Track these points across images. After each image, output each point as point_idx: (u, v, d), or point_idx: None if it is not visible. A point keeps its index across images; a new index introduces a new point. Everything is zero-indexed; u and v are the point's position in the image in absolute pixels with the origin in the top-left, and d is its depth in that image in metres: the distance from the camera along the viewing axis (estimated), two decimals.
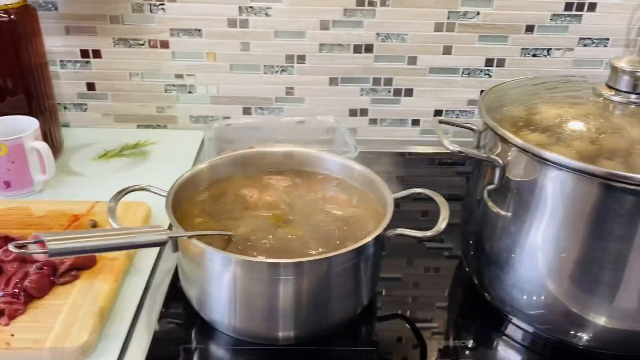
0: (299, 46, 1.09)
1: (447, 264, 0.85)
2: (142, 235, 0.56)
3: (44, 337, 0.61)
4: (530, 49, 1.10)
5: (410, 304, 0.77)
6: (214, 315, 0.67)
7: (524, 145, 0.61)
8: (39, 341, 0.61)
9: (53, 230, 0.80)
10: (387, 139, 1.18)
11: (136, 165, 1.03)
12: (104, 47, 1.09)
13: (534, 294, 0.68)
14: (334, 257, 0.61)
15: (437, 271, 0.85)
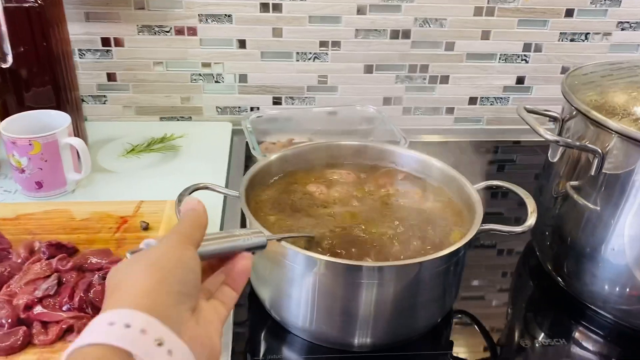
0: (333, 32, 1.04)
1: (516, 245, 0.84)
2: (247, 238, 0.51)
3: None
4: (568, 34, 1.08)
5: (484, 299, 0.74)
6: (288, 317, 0.64)
7: (629, 131, 0.59)
8: None
9: (101, 234, 0.74)
10: (420, 128, 1.14)
11: (168, 161, 0.97)
12: (126, 35, 1.01)
13: (619, 285, 0.66)
14: (426, 261, 0.58)
15: (507, 255, 0.82)
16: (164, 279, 0.38)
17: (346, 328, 0.62)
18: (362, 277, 0.58)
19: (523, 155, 1.12)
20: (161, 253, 0.40)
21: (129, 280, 0.38)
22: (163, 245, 0.41)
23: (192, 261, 0.41)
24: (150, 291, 0.37)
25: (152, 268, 0.38)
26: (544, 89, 1.14)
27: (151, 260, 0.39)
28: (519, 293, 0.77)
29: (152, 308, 0.36)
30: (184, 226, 0.43)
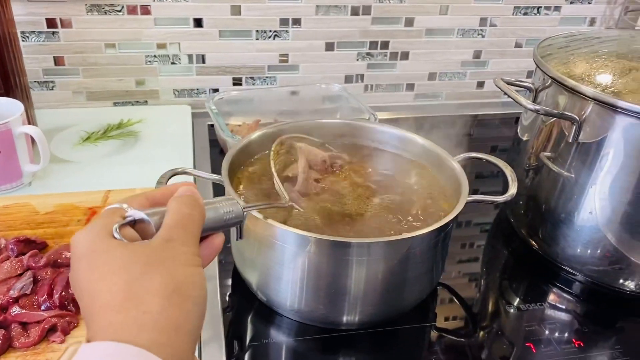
0: (294, 9, 1.02)
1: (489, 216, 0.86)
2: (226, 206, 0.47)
3: None
4: (521, 8, 1.11)
5: (461, 270, 0.76)
6: (277, 298, 0.62)
7: (605, 98, 0.61)
8: None
9: (70, 227, 0.69)
10: (381, 105, 1.14)
11: (129, 148, 0.92)
12: (74, 15, 0.95)
13: (594, 247, 0.69)
14: (417, 236, 0.58)
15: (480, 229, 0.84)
16: (190, 314, 0.33)
17: (335, 306, 0.61)
18: (352, 253, 0.57)
19: (482, 129, 1.14)
20: (183, 273, 0.34)
21: (149, 301, 0.31)
22: (179, 255, 0.35)
23: (205, 282, 0.36)
24: (177, 329, 0.31)
25: (179, 295, 0.32)
26: (499, 63, 1.16)
27: (175, 282, 0.33)
28: (494, 261, 0.79)
29: (175, 351, 0.31)
30: (191, 221, 0.37)
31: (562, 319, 0.68)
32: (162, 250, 0.35)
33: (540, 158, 0.71)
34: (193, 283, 0.34)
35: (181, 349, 0.32)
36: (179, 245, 0.35)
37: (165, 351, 0.30)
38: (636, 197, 0.63)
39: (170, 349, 0.31)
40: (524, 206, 0.77)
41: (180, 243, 0.35)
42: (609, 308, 0.70)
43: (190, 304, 0.33)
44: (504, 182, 0.67)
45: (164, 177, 0.63)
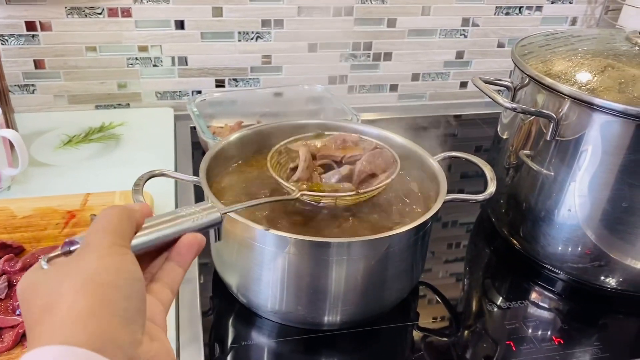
0: (276, 10, 1.02)
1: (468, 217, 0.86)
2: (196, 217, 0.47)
3: None
4: (503, 8, 1.11)
5: (444, 269, 0.76)
6: (257, 300, 0.62)
7: (581, 95, 0.61)
8: None
9: (48, 231, 0.68)
10: (365, 106, 1.14)
11: (110, 151, 0.92)
12: (54, 18, 0.94)
13: (574, 244, 0.69)
14: (395, 235, 0.58)
15: (464, 228, 0.84)
16: (106, 298, 0.32)
17: (316, 307, 0.61)
18: (332, 253, 0.57)
19: (465, 129, 1.15)
20: (95, 264, 0.33)
21: (61, 302, 0.31)
22: (92, 251, 0.34)
23: (133, 267, 0.35)
24: (91, 315, 0.31)
25: (90, 285, 0.32)
26: (482, 63, 1.17)
27: (85, 274, 0.32)
28: (477, 260, 0.79)
29: (97, 338, 0.30)
30: (107, 221, 0.36)
31: (544, 316, 0.69)
32: (76, 258, 0.34)
33: (520, 156, 0.71)
34: (107, 270, 0.33)
35: (106, 333, 0.31)
36: (92, 246, 0.35)
37: (84, 340, 0.29)
38: (614, 194, 0.64)
39: (91, 336, 0.30)
40: (504, 205, 0.77)
41: (95, 244, 0.35)
42: (590, 305, 0.70)
43: (105, 288, 0.32)
44: (485, 183, 0.67)
45: (141, 179, 0.62)
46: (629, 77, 0.63)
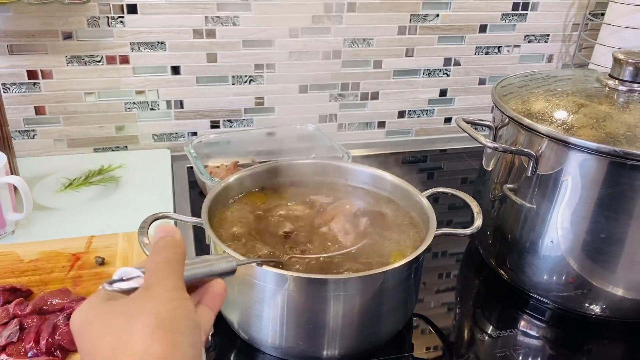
0: (268, 55, 1.07)
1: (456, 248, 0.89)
2: (219, 263, 0.51)
3: None
4: (483, 48, 1.17)
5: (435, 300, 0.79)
6: (258, 336, 0.65)
7: (558, 134, 0.65)
8: None
9: (54, 274, 0.71)
10: (354, 142, 1.19)
11: (110, 193, 0.94)
12: (55, 66, 0.98)
13: (558, 274, 0.73)
14: (389, 271, 0.61)
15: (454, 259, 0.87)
16: (176, 345, 0.33)
17: (315, 341, 0.63)
18: (330, 289, 0.60)
19: (450, 162, 1.19)
20: (163, 308, 0.35)
21: (135, 344, 0.33)
22: (158, 294, 0.36)
23: (194, 315, 0.37)
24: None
25: (161, 331, 0.34)
26: (465, 100, 1.22)
27: (155, 319, 0.34)
28: (466, 291, 0.82)
29: None
30: (166, 260, 0.39)
31: (533, 344, 0.72)
32: (142, 297, 0.36)
33: (503, 190, 0.75)
34: (175, 316, 0.35)
35: None
36: (157, 287, 0.37)
37: None
38: (593, 226, 0.68)
39: None
40: (491, 236, 0.81)
41: (159, 285, 0.37)
42: (576, 332, 0.74)
43: (175, 335, 0.34)
44: (472, 217, 0.71)
45: (145, 222, 0.65)
46: (600, 115, 0.68)
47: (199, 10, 1.00)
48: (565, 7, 1.17)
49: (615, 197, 0.65)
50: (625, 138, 0.64)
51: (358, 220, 0.72)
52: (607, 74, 0.74)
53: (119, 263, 0.73)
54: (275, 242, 0.68)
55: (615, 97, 0.71)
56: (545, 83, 0.81)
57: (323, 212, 0.72)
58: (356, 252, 0.67)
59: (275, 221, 0.71)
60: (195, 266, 0.45)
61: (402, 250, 0.68)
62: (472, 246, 0.89)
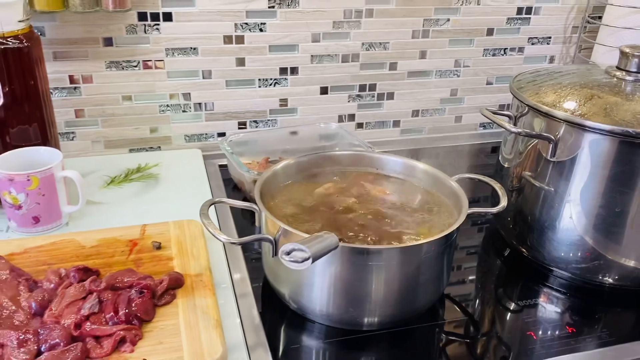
0: (292, 59, 1.14)
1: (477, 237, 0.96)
2: (330, 238, 0.60)
3: (180, 356, 0.60)
4: (490, 50, 1.25)
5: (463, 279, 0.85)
6: (308, 305, 0.71)
7: (574, 119, 0.73)
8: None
9: (116, 257, 0.77)
10: (371, 140, 1.26)
11: (151, 188, 1.01)
12: (94, 71, 1.05)
13: (575, 248, 0.80)
14: (426, 243, 0.67)
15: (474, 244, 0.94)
16: None
17: (360, 308, 0.69)
18: (372, 259, 0.66)
19: (461, 159, 1.26)
20: None
21: None
22: None
23: None
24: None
25: None
26: (473, 99, 1.30)
27: None
28: (489, 269, 0.89)
29: None
30: None
31: (555, 311, 0.78)
32: None
33: (523, 176, 0.82)
34: None
35: None
36: None
37: None
38: (606, 202, 0.75)
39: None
40: (512, 221, 0.88)
41: None
42: (592, 301, 0.81)
43: None
44: (492, 202, 0.77)
45: (204, 206, 0.72)
46: (611, 103, 0.75)
47: (229, 18, 1.07)
48: (565, 11, 1.25)
49: (627, 174, 0.73)
50: (636, 120, 0.71)
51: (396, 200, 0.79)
52: (615, 66, 0.82)
53: (174, 247, 0.79)
54: (323, 223, 0.74)
55: (622, 87, 0.79)
56: (552, 78, 0.89)
57: (365, 196, 0.79)
58: (398, 230, 0.74)
59: (322, 204, 0.77)
60: (317, 241, 0.56)
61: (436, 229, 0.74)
62: (493, 230, 0.96)
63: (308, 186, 0.81)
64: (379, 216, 0.76)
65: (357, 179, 0.82)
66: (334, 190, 0.80)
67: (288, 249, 0.55)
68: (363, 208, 0.78)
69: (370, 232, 0.73)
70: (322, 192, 0.79)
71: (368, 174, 0.84)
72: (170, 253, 0.78)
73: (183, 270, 0.74)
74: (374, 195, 0.81)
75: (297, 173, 0.81)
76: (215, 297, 0.71)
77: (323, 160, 0.82)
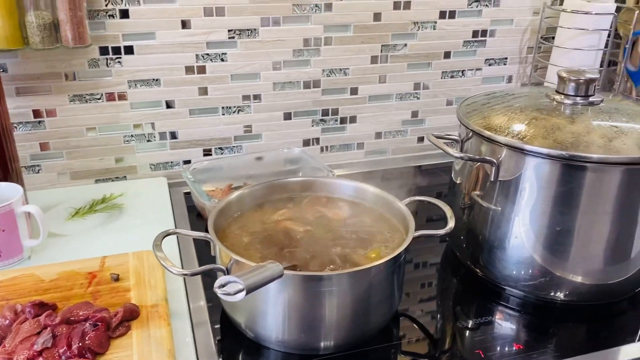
0: (254, 86, 1.17)
1: (435, 256, 0.98)
2: (272, 268, 0.62)
3: None
4: (448, 72, 1.29)
5: (419, 299, 0.88)
6: (264, 333, 0.72)
7: (514, 143, 0.76)
8: None
9: (74, 290, 0.78)
10: (337, 163, 1.29)
11: (115, 219, 1.02)
12: (59, 105, 1.07)
13: (523, 266, 0.83)
14: (375, 266, 0.70)
15: (431, 262, 0.97)
16: None
17: (314, 333, 0.71)
18: (323, 285, 0.69)
19: (424, 178, 1.29)
20: None
21: None
22: None
23: None
24: None
25: None
26: (434, 120, 1.33)
27: None
28: (446, 289, 0.91)
29: None
30: None
31: (507, 330, 0.81)
32: None
33: (472, 197, 0.85)
34: None
35: None
36: None
37: None
38: (549, 221, 0.78)
39: None
40: (465, 240, 0.91)
41: None
42: (545, 317, 0.83)
43: None
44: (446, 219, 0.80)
45: (158, 238, 0.73)
46: (550, 126, 0.79)
47: (190, 49, 1.10)
48: (520, 33, 1.30)
49: (566, 195, 0.76)
50: (571, 143, 0.75)
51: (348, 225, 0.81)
52: (555, 90, 0.85)
53: (133, 278, 0.81)
54: (276, 250, 0.76)
55: (562, 110, 0.82)
56: (504, 100, 0.92)
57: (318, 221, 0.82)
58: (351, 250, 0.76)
59: (275, 231, 0.79)
60: (254, 274, 0.56)
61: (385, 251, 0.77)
62: (449, 251, 0.98)
63: (263, 214, 0.83)
64: (332, 240, 0.79)
65: (311, 205, 0.85)
66: (288, 217, 0.82)
67: (223, 282, 0.57)
68: (317, 233, 0.80)
69: (323, 257, 0.75)
70: (276, 219, 0.81)
71: (322, 198, 0.86)
72: (128, 284, 0.79)
73: (140, 301, 0.76)
74: (327, 219, 0.83)
75: (251, 202, 0.83)
76: (170, 327, 0.72)
77: (276, 188, 0.85)
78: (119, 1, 1.03)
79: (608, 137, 0.75)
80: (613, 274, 0.82)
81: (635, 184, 0.75)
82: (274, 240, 0.78)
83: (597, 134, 0.76)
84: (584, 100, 0.82)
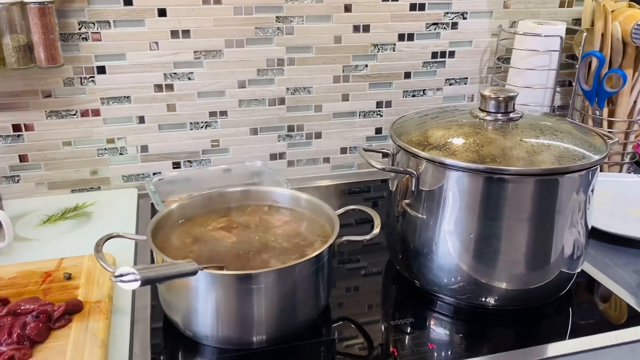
0: (220, 103, 1.24)
1: (380, 264, 1.03)
2: (181, 266, 0.68)
3: None
4: (409, 91, 1.35)
5: (361, 305, 0.93)
6: (199, 330, 0.78)
7: (432, 157, 0.82)
8: None
9: (29, 287, 0.85)
10: (303, 177, 1.35)
11: (82, 225, 1.10)
12: (36, 120, 1.16)
13: (452, 274, 0.87)
14: (297, 264, 0.76)
15: (373, 271, 1.02)
16: None
17: (245, 329, 0.77)
18: (251, 283, 0.74)
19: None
20: None
21: None
22: None
23: None
24: None
25: None
26: None
27: None
28: (386, 297, 0.95)
29: None
30: None
31: (442, 336, 0.85)
32: None
33: (402, 205, 0.90)
34: None
35: None
36: None
37: None
38: (471, 229, 0.83)
39: None
40: (400, 249, 0.95)
41: None
42: (477, 322, 0.87)
43: None
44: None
45: (101, 240, 0.80)
46: (471, 140, 0.84)
47: (159, 69, 1.18)
48: (479, 54, 1.35)
49: (485, 205, 0.81)
50: (489, 157, 0.80)
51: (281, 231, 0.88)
52: (478, 108, 0.91)
53: (84, 278, 0.87)
54: (208, 253, 0.82)
55: (484, 126, 0.88)
56: (450, 115, 0.97)
57: (252, 229, 0.88)
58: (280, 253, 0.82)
59: (211, 237, 0.86)
60: (162, 268, 0.62)
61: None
62: (390, 261, 1.03)
63: (204, 222, 0.89)
64: (268, 244, 0.85)
65: (249, 213, 0.91)
66: (225, 224, 0.88)
67: (123, 272, 0.62)
68: (249, 239, 0.86)
69: (256, 259, 0.81)
70: (213, 227, 0.87)
71: (261, 206, 0.93)
72: (78, 283, 0.86)
73: (85, 297, 0.83)
74: (263, 225, 0.89)
75: (192, 211, 0.90)
76: (109, 322, 0.79)
77: (216, 198, 0.91)
78: (92, 25, 1.12)
79: (529, 151, 0.81)
80: (535, 278, 0.86)
81: (548, 194, 0.80)
82: (210, 246, 0.84)
83: (515, 147, 0.81)
84: (504, 117, 0.88)
